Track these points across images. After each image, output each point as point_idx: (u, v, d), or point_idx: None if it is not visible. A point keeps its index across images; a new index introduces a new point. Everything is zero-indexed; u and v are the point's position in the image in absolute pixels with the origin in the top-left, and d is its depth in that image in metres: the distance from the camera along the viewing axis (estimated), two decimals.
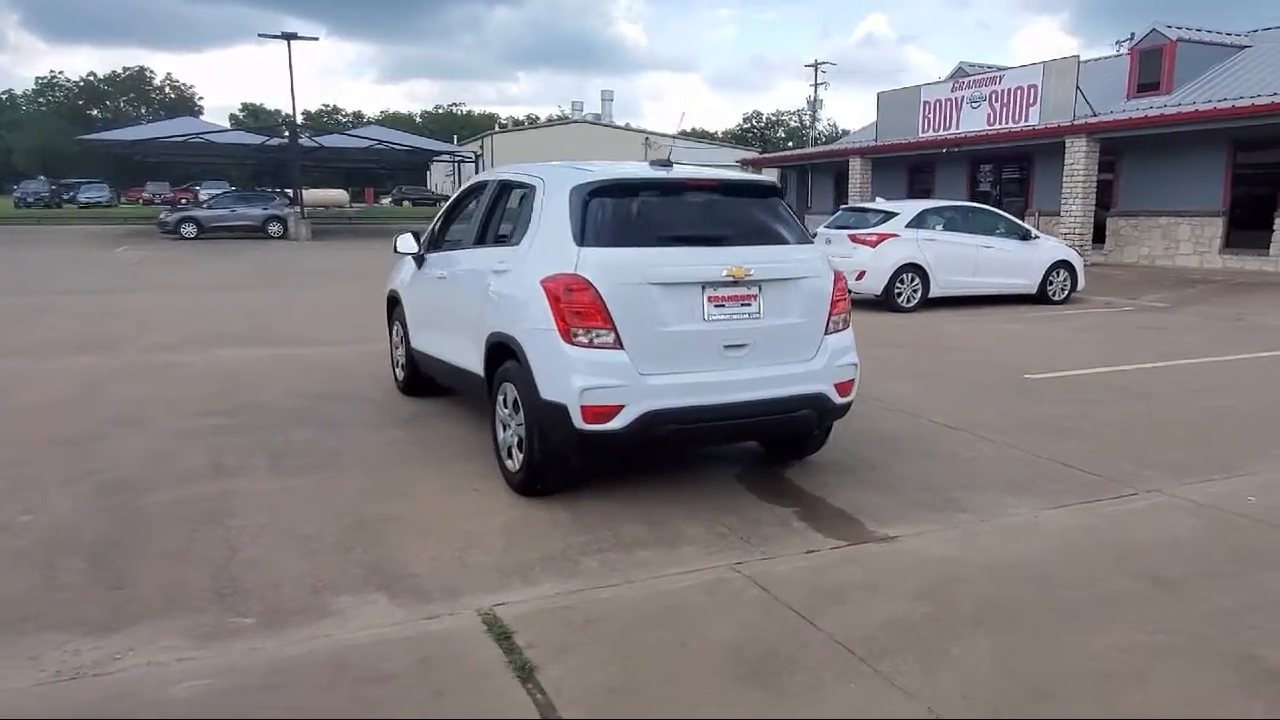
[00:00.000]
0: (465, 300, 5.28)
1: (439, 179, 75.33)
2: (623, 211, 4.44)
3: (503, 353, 4.71)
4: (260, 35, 41.71)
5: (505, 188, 5.44)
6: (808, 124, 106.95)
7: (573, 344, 4.15)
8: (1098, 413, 6.64)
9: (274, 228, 31.62)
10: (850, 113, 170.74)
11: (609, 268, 4.19)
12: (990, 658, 3.02)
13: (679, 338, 4.26)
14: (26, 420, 6.21)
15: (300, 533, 4.14)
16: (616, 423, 4.15)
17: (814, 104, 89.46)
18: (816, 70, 72.61)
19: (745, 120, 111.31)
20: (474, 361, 5.11)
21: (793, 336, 4.55)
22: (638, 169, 4.74)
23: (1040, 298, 13.72)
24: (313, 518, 4.33)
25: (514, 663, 2.97)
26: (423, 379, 6.73)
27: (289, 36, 32.80)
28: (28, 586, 3.54)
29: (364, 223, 44.59)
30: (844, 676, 2.90)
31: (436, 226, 6.39)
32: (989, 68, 25.34)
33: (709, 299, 4.32)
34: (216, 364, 8.33)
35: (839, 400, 4.70)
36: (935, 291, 12.94)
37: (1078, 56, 20.91)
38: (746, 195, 4.81)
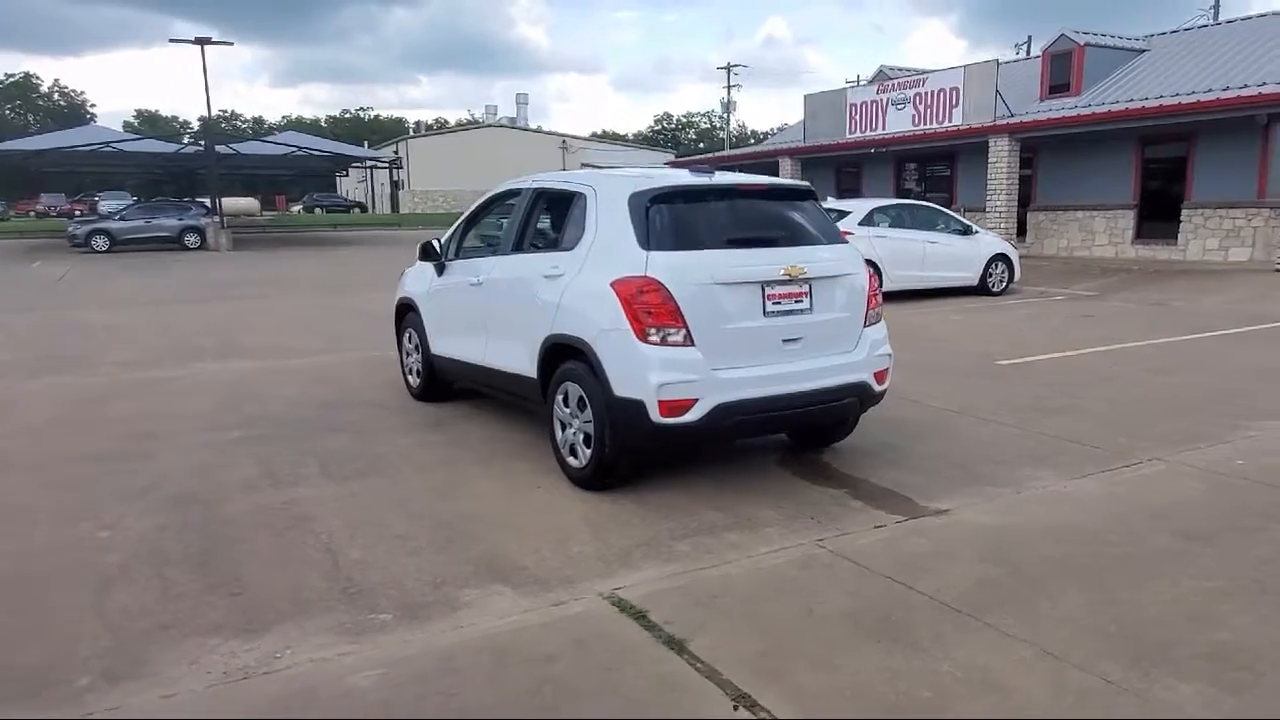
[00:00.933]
0: (511, 305, 5.44)
1: (351, 185, 73.79)
2: (682, 216, 4.70)
3: (562, 354, 4.90)
4: (172, 40, 40.36)
5: (543, 195, 5.61)
6: (720, 125, 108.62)
7: (647, 342, 4.38)
8: (1075, 394, 7.19)
9: (191, 239, 30.54)
10: (757, 113, 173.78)
11: (678, 269, 4.44)
12: (1081, 607, 3.39)
13: (742, 333, 4.54)
14: (41, 440, 6.07)
15: (391, 534, 4.26)
16: (690, 416, 4.40)
17: (728, 106, 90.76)
18: (729, 73, 73.79)
19: (656, 122, 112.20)
20: (523, 364, 5.28)
21: (838, 330, 4.89)
22: (685, 175, 4.98)
23: (981, 289, 14.50)
24: (393, 520, 4.44)
25: (660, 638, 3.19)
26: (439, 385, 6.85)
27: (203, 41, 31.78)
28: (149, 597, 3.58)
29: (281, 231, 43.46)
30: (961, 630, 3.22)
31: (457, 235, 6.50)
32: (910, 71, 26.39)
33: (767, 296, 4.61)
34: (204, 378, 8.21)
35: (878, 388, 5.06)
36: (888, 286, 13.51)
37: (996, 61, 22.02)
38: (788, 198, 5.11)
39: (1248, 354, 9.02)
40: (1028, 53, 46.42)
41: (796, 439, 5.66)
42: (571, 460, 4.91)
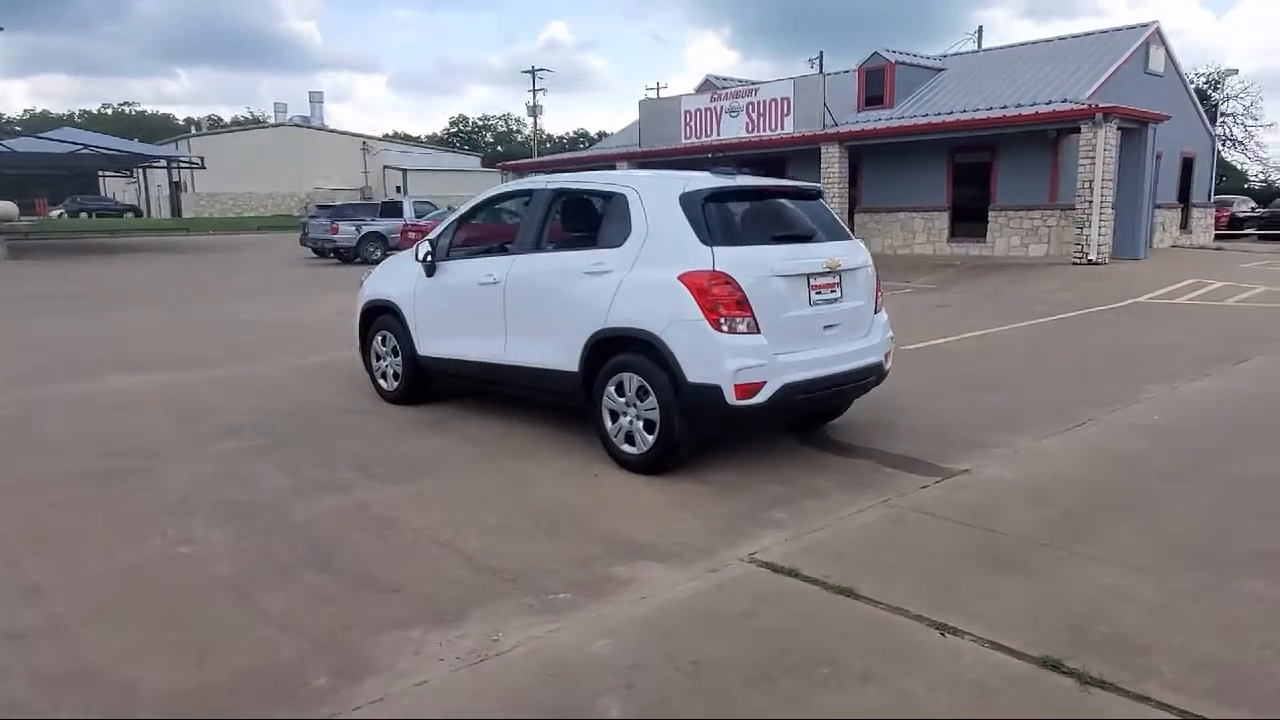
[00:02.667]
0: (543, 302, 5.58)
1: (119, 188, 67.25)
2: (731, 215, 5.09)
3: (615, 347, 5.14)
4: None
5: (566, 196, 5.79)
6: (519, 129, 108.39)
7: (721, 331, 4.73)
8: (989, 371, 8.22)
9: None
10: (547, 118, 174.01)
11: (740, 263, 4.82)
12: (1137, 532, 4.12)
13: (794, 321, 5.00)
14: (10, 466, 5.51)
15: (491, 525, 4.35)
16: (760, 397, 4.80)
17: (535, 110, 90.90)
18: (535, 77, 73.93)
19: (452, 124, 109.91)
20: (558, 360, 5.45)
21: (860, 316, 5.45)
22: (716, 178, 5.33)
23: None
24: (482, 513, 4.52)
25: (828, 588, 3.58)
26: (421, 387, 6.82)
27: None
28: (302, 601, 3.53)
29: (54, 238, 39.25)
30: (1061, 558, 3.83)
31: (448, 236, 6.50)
32: (740, 81, 28.02)
33: (812, 287, 5.09)
34: (130, 392, 7.61)
35: (887, 367, 5.68)
36: None
37: (824, 74, 23.88)
38: (808, 198, 5.61)
39: (1092, 335, 10.57)
40: (820, 68, 50.20)
41: (803, 419, 6.15)
42: (627, 447, 5.16)
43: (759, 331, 4.82)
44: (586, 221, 5.66)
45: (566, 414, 6.10)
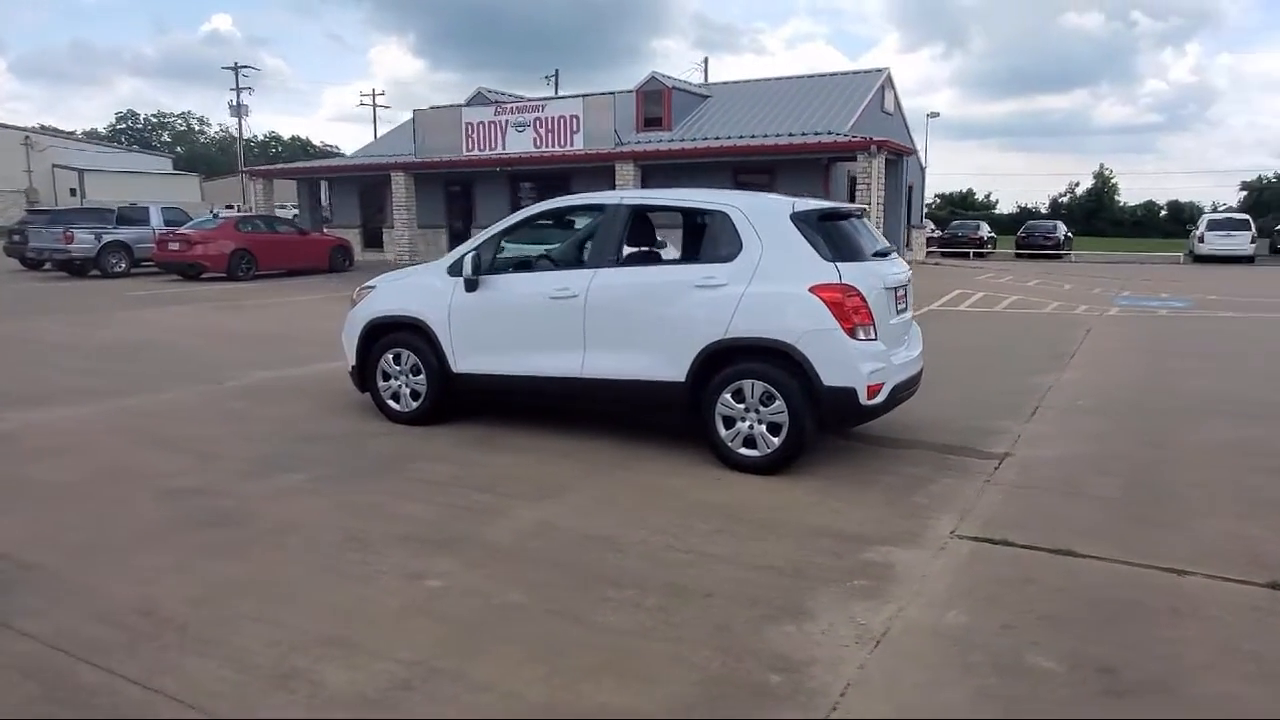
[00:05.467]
0: (640, 315, 5.72)
1: None
2: (834, 234, 5.60)
3: (731, 356, 5.46)
4: None
5: (645, 212, 5.98)
6: (212, 128, 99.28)
7: (855, 339, 5.25)
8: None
9: None
10: (224, 116, 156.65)
11: (860, 277, 5.37)
12: (1217, 482, 5.22)
13: (891, 329, 5.63)
14: (91, 489, 4.64)
15: (699, 529, 4.51)
16: (880, 397, 5.38)
17: (240, 109, 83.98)
18: (238, 73, 68.39)
19: (120, 120, 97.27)
20: (658, 371, 5.65)
21: (912, 326, 6.21)
22: (812, 200, 5.82)
23: None
24: (669, 522, 4.63)
25: (1052, 551, 4.22)
26: (448, 406, 6.60)
27: None
28: (651, 616, 3.55)
29: None
30: (1180, 513, 4.80)
31: (488, 251, 6.36)
32: (512, 96, 28.27)
33: (896, 298, 5.76)
34: (63, 430, 6.52)
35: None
36: None
37: (613, 94, 24.85)
38: (865, 217, 6.25)
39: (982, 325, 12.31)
40: (555, 87, 51.67)
41: None
42: (746, 451, 5.48)
43: (877, 338, 5.40)
44: (685, 238, 5.88)
45: (601, 422, 6.38)
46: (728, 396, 5.50)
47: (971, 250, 35.59)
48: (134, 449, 6.02)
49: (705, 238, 5.78)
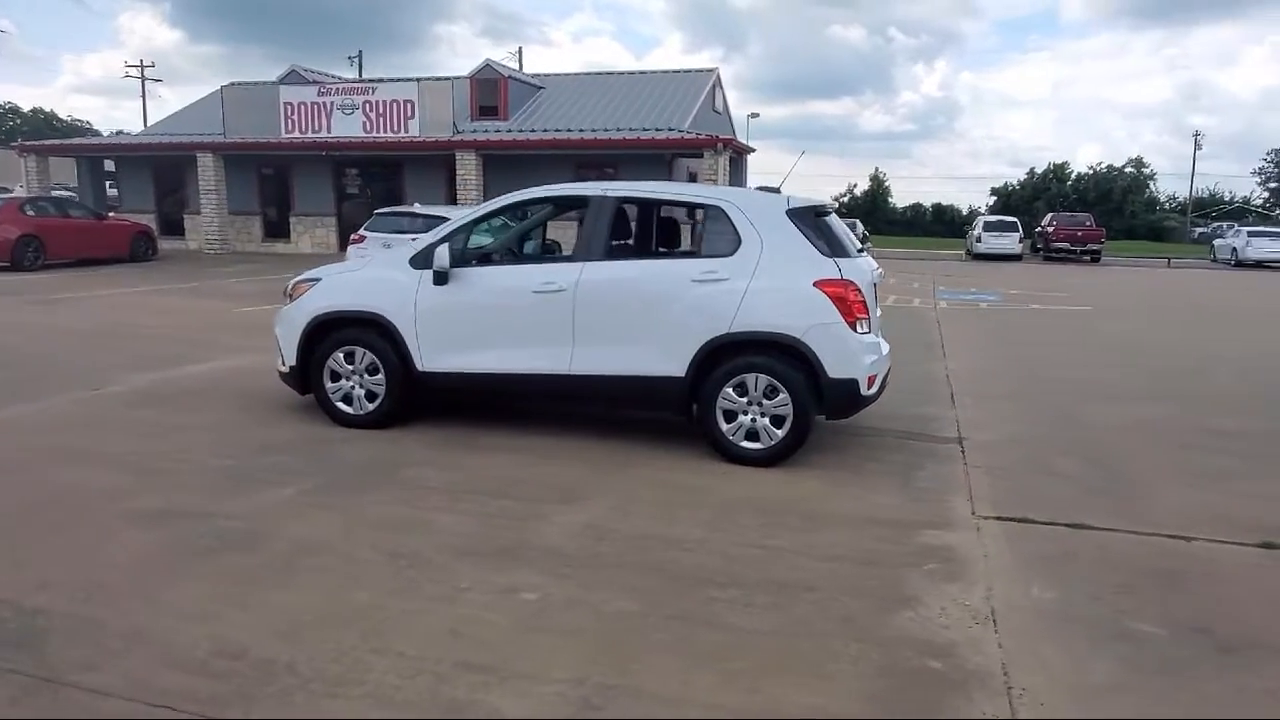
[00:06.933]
0: (635, 309, 5.61)
1: None
2: (825, 229, 5.76)
3: (733, 351, 5.50)
4: None
5: (639, 204, 5.85)
6: None
7: (856, 332, 5.44)
8: None
9: None
10: None
11: (854, 272, 5.57)
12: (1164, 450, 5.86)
13: (876, 322, 5.88)
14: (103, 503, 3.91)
15: (750, 526, 4.54)
16: (875, 387, 5.62)
17: None
18: None
19: None
20: (654, 366, 5.60)
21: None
22: (788, 196, 5.93)
23: None
24: (720, 519, 4.64)
25: (1074, 527, 4.61)
26: (411, 406, 6.21)
27: None
28: (784, 622, 3.53)
29: None
30: (1152, 479, 5.37)
31: (462, 242, 6.01)
32: (334, 77, 26.62)
33: (875, 293, 6.02)
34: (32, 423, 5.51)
35: None
36: None
37: (451, 80, 23.97)
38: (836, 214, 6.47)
39: None
40: (360, 69, 49.24)
41: None
42: (748, 444, 5.54)
43: (870, 331, 5.62)
44: (673, 231, 5.82)
45: (567, 420, 6.34)
46: (729, 390, 5.54)
47: None
48: (59, 467, 5.19)
49: (702, 232, 5.77)
